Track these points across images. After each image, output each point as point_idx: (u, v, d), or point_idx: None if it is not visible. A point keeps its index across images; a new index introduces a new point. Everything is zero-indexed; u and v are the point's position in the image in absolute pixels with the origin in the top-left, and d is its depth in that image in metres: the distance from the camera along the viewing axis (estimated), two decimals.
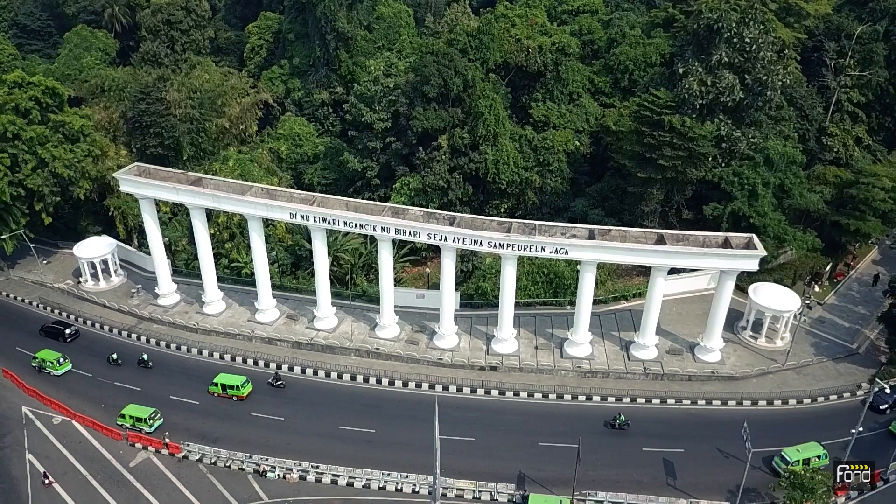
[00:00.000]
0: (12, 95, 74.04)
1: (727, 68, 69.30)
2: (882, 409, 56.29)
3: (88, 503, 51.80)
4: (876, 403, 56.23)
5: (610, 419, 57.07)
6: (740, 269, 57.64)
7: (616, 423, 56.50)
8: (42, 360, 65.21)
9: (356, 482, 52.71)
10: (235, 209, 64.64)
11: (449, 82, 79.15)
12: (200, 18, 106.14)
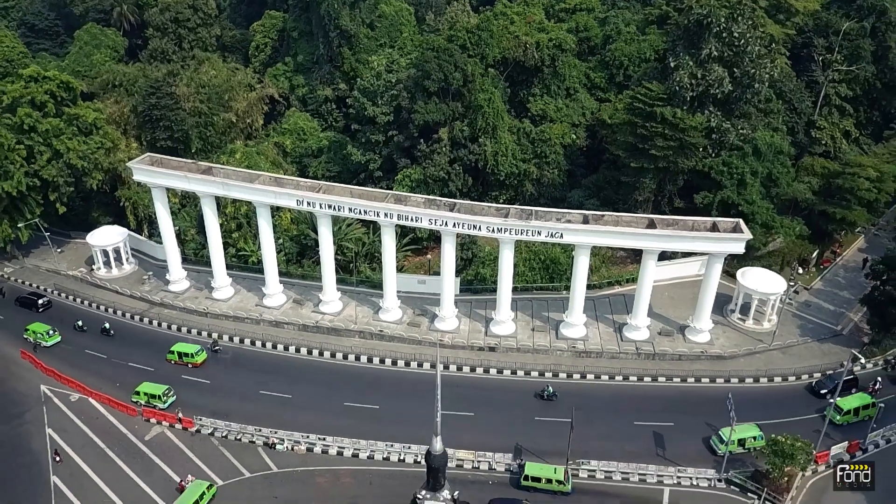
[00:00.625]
0: (28, 89, 76.82)
1: (717, 62, 72.04)
2: (822, 394, 58.51)
3: (106, 473, 54.43)
4: (818, 388, 59.03)
5: (539, 391, 60.37)
6: (727, 251, 60.39)
7: (545, 395, 59.58)
8: (34, 332, 69.02)
9: (361, 453, 55.42)
10: (244, 196, 67.39)
11: (449, 77, 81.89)
12: (207, 16, 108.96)
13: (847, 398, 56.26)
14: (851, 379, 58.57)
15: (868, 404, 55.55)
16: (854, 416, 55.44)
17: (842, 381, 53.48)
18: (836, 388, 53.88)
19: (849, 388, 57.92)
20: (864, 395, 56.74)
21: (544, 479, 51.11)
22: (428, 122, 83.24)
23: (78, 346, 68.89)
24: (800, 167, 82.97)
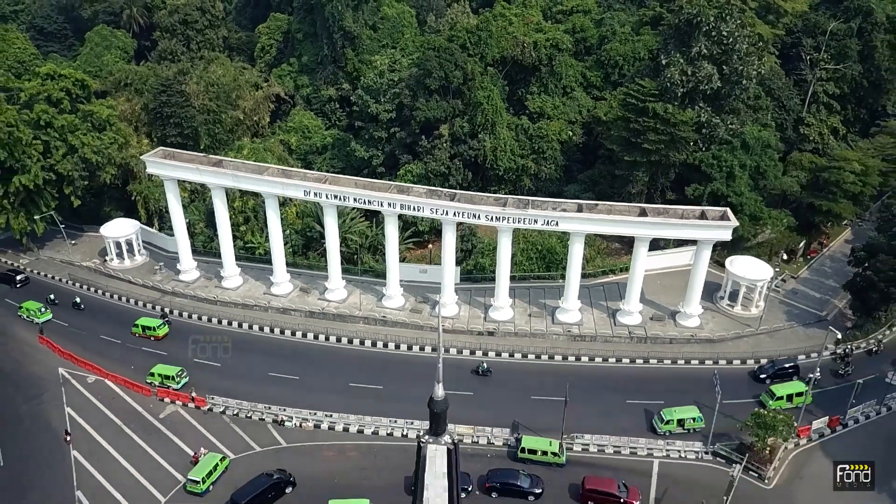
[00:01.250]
0: (45, 86, 79.85)
1: (706, 59, 75.07)
2: (762, 378, 61.27)
3: (123, 448, 57.17)
4: (758, 373, 61.80)
5: (475, 368, 63.85)
6: (715, 238, 63.28)
7: (480, 371, 63.02)
8: (27, 309, 73.27)
9: (366, 429, 58.27)
10: (254, 188, 70.34)
11: (450, 75, 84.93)
12: (215, 18, 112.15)
13: (781, 385, 58.81)
14: (793, 366, 61.56)
15: (801, 392, 57.67)
16: (787, 402, 57.43)
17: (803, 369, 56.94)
18: (775, 375, 58.27)
19: (790, 376, 60.82)
20: (798, 384, 58.89)
21: (540, 451, 53.98)
22: (429, 119, 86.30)
23: (72, 323, 73.26)
24: (789, 162, 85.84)
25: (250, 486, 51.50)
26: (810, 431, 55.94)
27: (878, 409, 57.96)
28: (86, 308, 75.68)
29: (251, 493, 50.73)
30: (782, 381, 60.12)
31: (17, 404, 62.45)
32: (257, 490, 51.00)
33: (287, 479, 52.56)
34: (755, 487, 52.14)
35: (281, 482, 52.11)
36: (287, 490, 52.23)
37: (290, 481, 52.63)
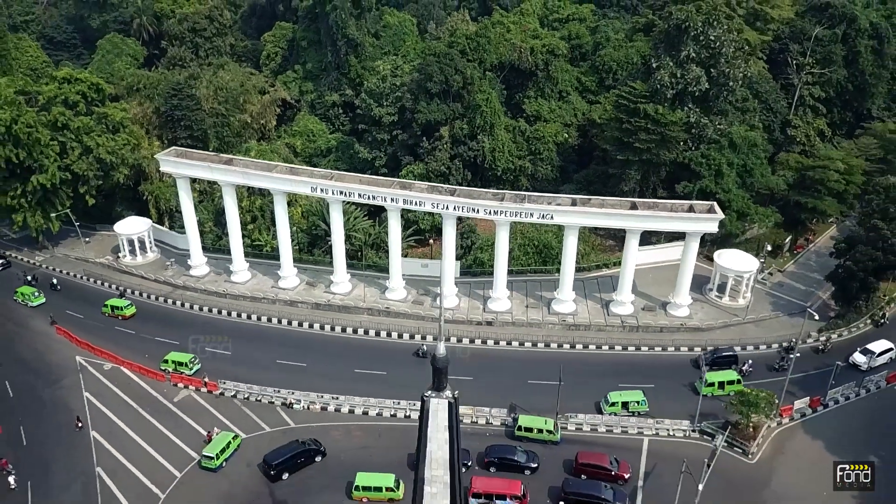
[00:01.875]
0: (62, 90, 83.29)
1: (694, 62, 78.60)
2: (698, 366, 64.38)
3: (140, 429, 60.13)
4: (698, 361, 64.60)
5: (415, 351, 68.03)
6: (703, 230, 66.51)
7: (420, 353, 66.94)
8: (22, 293, 77.77)
9: (370, 410, 61.34)
10: (263, 184, 73.64)
11: (450, 79, 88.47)
12: (222, 26, 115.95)
13: (715, 373, 61.63)
14: (732, 356, 64.67)
15: (733, 380, 60.70)
16: (719, 389, 60.14)
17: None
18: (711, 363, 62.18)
19: (729, 364, 63.89)
20: (731, 373, 61.87)
21: (536, 429, 56.98)
22: (430, 122, 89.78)
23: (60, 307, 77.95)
24: (776, 162, 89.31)
25: (283, 450, 55.18)
26: (792, 411, 58.93)
27: (857, 392, 60.95)
28: (62, 289, 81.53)
29: (283, 456, 54.38)
30: (721, 368, 62.93)
31: (37, 390, 65.44)
32: (289, 454, 54.68)
33: (318, 449, 56.01)
34: (739, 462, 55.16)
35: (311, 450, 55.62)
36: (316, 458, 55.62)
37: (321, 451, 56.04)
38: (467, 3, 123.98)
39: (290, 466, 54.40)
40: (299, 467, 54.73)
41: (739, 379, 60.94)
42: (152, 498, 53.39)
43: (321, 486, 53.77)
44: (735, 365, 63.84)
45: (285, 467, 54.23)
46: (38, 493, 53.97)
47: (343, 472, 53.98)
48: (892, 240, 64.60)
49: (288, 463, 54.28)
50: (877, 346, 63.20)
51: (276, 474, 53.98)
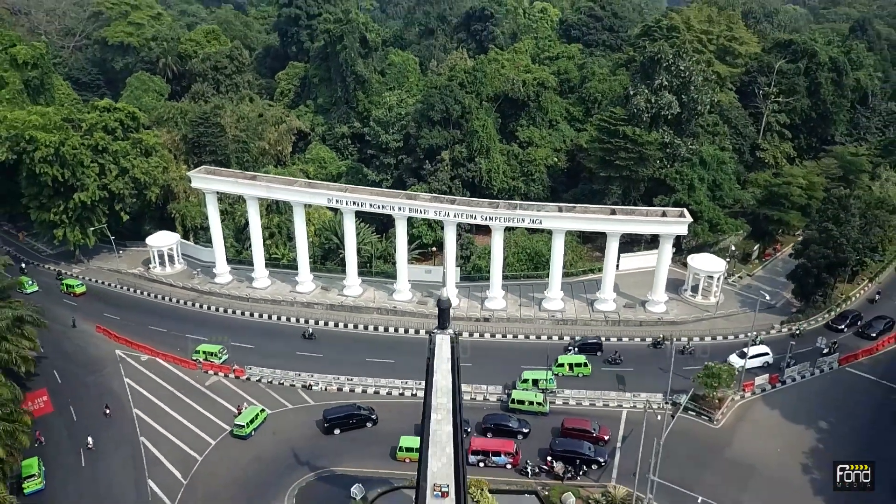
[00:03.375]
0: (102, 117, 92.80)
1: (667, 90, 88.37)
2: (567, 350, 73.40)
3: (176, 406, 67.83)
4: (568, 347, 74.00)
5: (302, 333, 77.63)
6: (674, 232, 75.16)
7: (306, 335, 76.90)
8: (20, 281, 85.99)
9: (381, 390, 69.16)
10: (284, 197, 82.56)
11: (450, 108, 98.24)
12: (241, 64, 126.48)
13: (564, 356, 70.98)
14: (597, 343, 73.56)
15: (580, 363, 69.89)
16: (568, 370, 69.53)
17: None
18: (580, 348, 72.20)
19: (594, 351, 72.88)
20: (578, 357, 70.84)
21: (527, 401, 64.81)
22: (432, 146, 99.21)
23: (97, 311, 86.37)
24: (747, 181, 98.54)
25: (340, 409, 64.13)
26: (753, 386, 66.77)
27: (812, 371, 68.89)
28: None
29: (338, 414, 63.54)
30: (588, 354, 72.07)
31: (82, 377, 73.26)
32: (344, 413, 63.64)
33: (370, 416, 64.04)
34: (706, 428, 62.91)
35: (364, 416, 63.85)
36: (367, 424, 63.76)
37: (373, 418, 64.05)
38: (465, 44, 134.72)
39: (342, 424, 63.10)
40: (351, 427, 63.27)
41: (586, 362, 69.90)
42: (191, 460, 60.97)
43: (367, 444, 61.67)
44: (599, 352, 72.86)
45: (338, 424, 63.08)
46: (89, 457, 61.49)
47: (388, 438, 61.55)
48: (840, 240, 73.12)
49: (341, 421, 63.08)
50: (753, 350, 69.72)
51: (329, 428, 62.93)
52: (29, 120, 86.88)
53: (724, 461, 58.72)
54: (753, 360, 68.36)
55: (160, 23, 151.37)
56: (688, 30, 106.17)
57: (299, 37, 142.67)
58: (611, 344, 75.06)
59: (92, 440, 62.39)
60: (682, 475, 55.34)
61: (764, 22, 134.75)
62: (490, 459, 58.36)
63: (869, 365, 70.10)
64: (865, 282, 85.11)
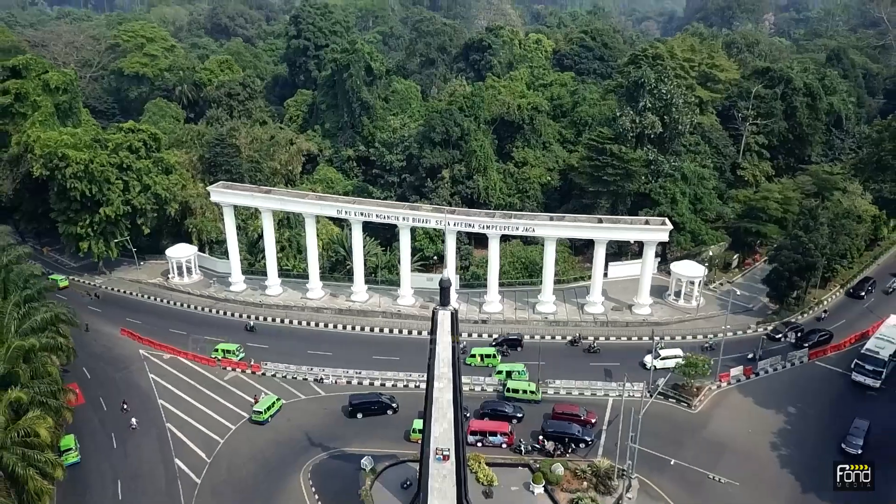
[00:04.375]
0: (127, 138, 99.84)
1: (650, 111, 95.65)
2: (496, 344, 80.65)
3: (198, 397, 73.66)
4: (493, 342, 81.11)
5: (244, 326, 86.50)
6: (657, 239, 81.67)
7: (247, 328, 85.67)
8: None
9: (387, 382, 75.03)
10: (297, 208, 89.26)
11: (450, 130, 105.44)
12: (253, 91, 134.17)
13: (478, 348, 78.86)
14: (517, 340, 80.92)
15: (490, 354, 77.56)
16: (479, 361, 77.17)
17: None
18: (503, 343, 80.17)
19: (514, 346, 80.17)
20: (490, 349, 78.60)
21: (521, 390, 70.74)
22: (433, 165, 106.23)
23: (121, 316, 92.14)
24: (728, 197, 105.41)
25: (364, 396, 70.59)
26: (729, 377, 72.71)
27: (784, 364, 74.90)
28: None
29: (362, 399, 70.07)
30: (512, 348, 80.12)
31: (110, 373, 79.15)
32: (368, 400, 70.06)
33: (390, 405, 70.04)
34: (685, 413, 68.79)
35: (385, 404, 69.99)
36: (388, 411, 69.74)
37: (393, 406, 69.99)
38: (464, 72, 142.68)
39: (365, 409, 69.38)
40: (372, 413, 69.46)
41: (494, 354, 77.66)
42: (213, 442, 66.76)
43: (384, 427, 67.83)
44: (520, 347, 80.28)
45: (361, 409, 69.45)
46: (120, 440, 67.23)
47: (403, 423, 67.60)
48: (808, 245, 79.60)
49: (364, 406, 69.43)
50: (665, 352, 75.99)
51: (353, 412, 69.51)
52: (61, 140, 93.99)
53: (700, 439, 64.55)
54: (667, 361, 74.20)
55: (174, 54, 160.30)
56: (671, 58, 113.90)
57: (307, 66, 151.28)
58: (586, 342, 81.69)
59: (136, 420, 68.96)
60: (661, 449, 61.18)
61: (745, 52, 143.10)
62: (487, 439, 64.11)
63: (836, 359, 75.96)
64: (837, 287, 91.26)
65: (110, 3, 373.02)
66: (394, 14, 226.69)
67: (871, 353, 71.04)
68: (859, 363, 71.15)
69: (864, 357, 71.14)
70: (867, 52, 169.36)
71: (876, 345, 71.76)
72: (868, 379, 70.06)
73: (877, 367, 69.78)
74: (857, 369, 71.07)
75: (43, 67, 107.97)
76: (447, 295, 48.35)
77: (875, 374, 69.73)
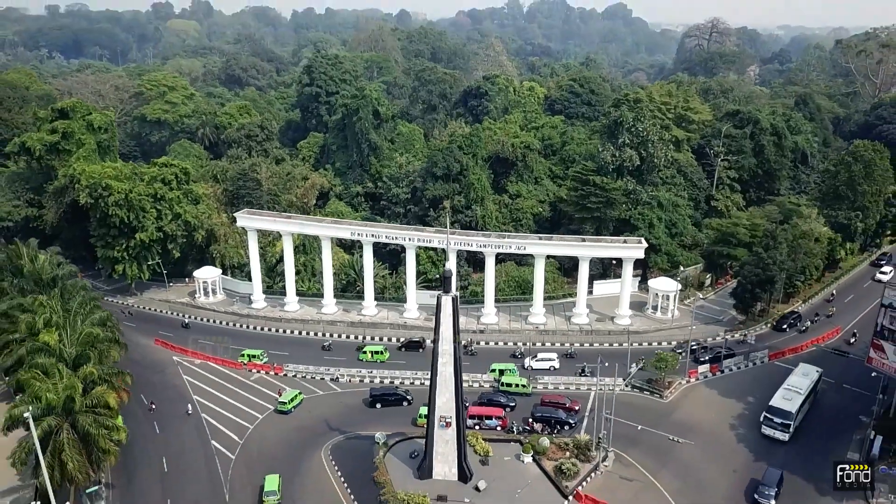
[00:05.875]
0: (161, 171, 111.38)
1: (628, 146, 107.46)
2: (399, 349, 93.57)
3: (228, 394, 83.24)
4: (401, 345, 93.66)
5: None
6: (633, 256, 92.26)
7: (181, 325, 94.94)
8: None
9: (396, 380, 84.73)
10: (315, 231, 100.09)
11: (450, 165, 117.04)
12: (270, 133, 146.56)
13: (369, 346, 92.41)
14: (419, 342, 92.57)
15: (378, 351, 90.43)
16: (369, 357, 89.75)
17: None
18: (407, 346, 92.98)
19: (416, 348, 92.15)
20: (378, 346, 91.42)
21: (514, 384, 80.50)
22: (435, 197, 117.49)
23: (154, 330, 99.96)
24: (703, 225, 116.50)
25: (383, 389, 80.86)
26: (697, 374, 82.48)
27: (746, 364, 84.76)
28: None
29: (381, 392, 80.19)
30: (413, 350, 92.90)
31: (148, 376, 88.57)
32: (386, 392, 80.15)
33: (406, 397, 79.70)
34: (657, 402, 78.47)
35: (402, 396, 79.78)
36: (403, 403, 79.29)
37: (408, 399, 79.50)
38: (463, 117, 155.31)
39: (383, 400, 79.23)
40: (390, 404, 79.12)
41: (382, 351, 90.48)
42: (243, 428, 76.21)
43: (395, 416, 77.14)
44: (421, 349, 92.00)
45: (380, 400, 79.27)
46: (163, 426, 76.73)
47: (413, 413, 76.73)
48: (768, 261, 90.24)
49: (383, 398, 79.38)
50: (543, 355, 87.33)
51: (372, 402, 79.32)
52: (104, 172, 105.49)
53: (670, 422, 74.08)
54: (542, 363, 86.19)
55: (193, 101, 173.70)
56: (650, 101, 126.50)
57: (319, 111, 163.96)
58: (566, 349, 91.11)
59: (191, 406, 79.82)
60: (635, 430, 70.92)
61: (721, 97, 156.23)
62: (484, 423, 73.62)
63: (793, 360, 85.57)
64: (799, 302, 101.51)
65: (123, 57, 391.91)
66: (397, 65, 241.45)
67: (778, 406, 69.91)
68: (768, 416, 69.89)
69: (772, 410, 69.83)
70: (838, 98, 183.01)
71: (784, 396, 70.94)
72: (777, 432, 68.99)
73: (785, 420, 68.60)
74: (765, 422, 69.96)
75: (87, 109, 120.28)
76: (449, 283, 58.80)
77: (784, 426, 68.56)
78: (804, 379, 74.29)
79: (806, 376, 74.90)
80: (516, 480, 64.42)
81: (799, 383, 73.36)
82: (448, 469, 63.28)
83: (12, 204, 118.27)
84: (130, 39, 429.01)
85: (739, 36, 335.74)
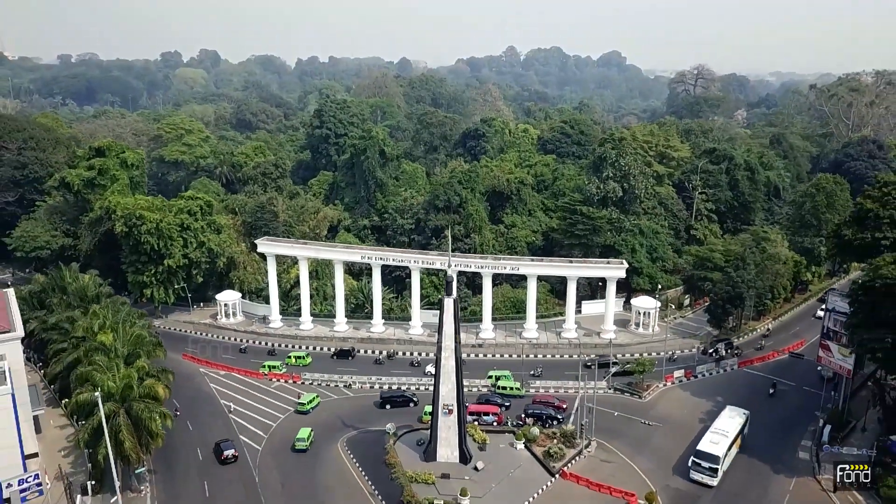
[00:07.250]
0: (187, 203, 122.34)
1: (612, 180, 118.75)
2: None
3: (252, 398, 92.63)
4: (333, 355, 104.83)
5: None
6: (616, 275, 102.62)
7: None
8: None
9: (402, 386, 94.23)
10: (328, 256, 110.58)
11: (451, 198, 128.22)
12: (284, 171, 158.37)
13: (294, 353, 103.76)
14: (348, 351, 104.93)
15: (301, 356, 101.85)
16: (294, 361, 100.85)
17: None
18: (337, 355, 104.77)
19: (346, 356, 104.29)
20: (302, 352, 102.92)
21: (508, 387, 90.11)
22: (437, 226, 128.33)
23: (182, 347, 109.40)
24: (683, 252, 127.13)
25: (392, 392, 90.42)
26: (673, 378, 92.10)
27: (718, 370, 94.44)
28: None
29: (391, 394, 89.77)
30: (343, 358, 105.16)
31: (178, 384, 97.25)
32: (395, 395, 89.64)
33: (412, 399, 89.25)
34: (636, 401, 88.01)
35: (408, 398, 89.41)
36: (410, 404, 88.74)
37: (414, 401, 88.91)
38: (463, 156, 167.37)
39: (392, 402, 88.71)
40: (398, 404, 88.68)
41: (304, 356, 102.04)
42: (267, 426, 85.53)
43: (403, 415, 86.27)
44: (352, 357, 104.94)
45: (389, 401, 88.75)
46: (195, 424, 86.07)
47: (420, 412, 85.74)
48: (736, 279, 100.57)
49: (392, 399, 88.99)
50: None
51: (382, 403, 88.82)
52: (137, 204, 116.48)
53: (647, 416, 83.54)
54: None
55: (209, 143, 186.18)
56: (633, 140, 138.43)
57: (328, 151, 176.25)
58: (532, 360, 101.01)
59: (232, 405, 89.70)
60: (615, 422, 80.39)
61: (701, 137, 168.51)
62: (481, 418, 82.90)
63: (761, 367, 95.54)
64: (769, 319, 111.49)
65: (134, 104, 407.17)
66: (400, 110, 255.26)
67: (705, 451, 69.13)
68: (696, 461, 69.12)
69: (700, 454, 69.16)
70: (815, 139, 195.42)
71: (711, 440, 70.40)
72: (705, 477, 68.32)
73: (713, 465, 68.07)
74: (693, 467, 69.11)
75: (121, 148, 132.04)
76: (451, 287, 69.04)
77: (711, 471, 68.07)
78: (731, 421, 74.36)
79: (733, 419, 74.99)
80: (510, 462, 73.64)
81: (726, 426, 73.15)
82: (450, 452, 72.56)
83: (50, 234, 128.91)
84: (141, 87, 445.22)
85: (727, 82, 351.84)
